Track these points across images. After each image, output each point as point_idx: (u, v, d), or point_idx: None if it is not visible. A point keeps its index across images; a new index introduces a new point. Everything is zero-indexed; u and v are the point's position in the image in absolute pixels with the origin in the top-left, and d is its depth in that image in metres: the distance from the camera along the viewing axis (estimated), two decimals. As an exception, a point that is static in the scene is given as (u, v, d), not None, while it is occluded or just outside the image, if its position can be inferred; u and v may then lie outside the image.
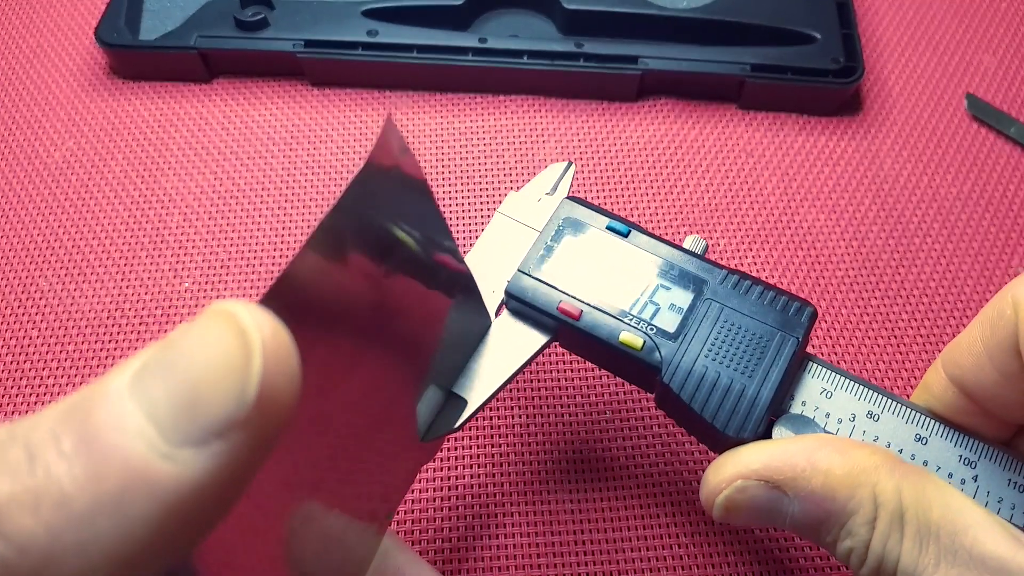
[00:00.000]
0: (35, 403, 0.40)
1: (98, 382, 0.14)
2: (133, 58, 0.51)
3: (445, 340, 0.27)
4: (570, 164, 0.33)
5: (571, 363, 0.41)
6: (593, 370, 0.41)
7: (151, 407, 0.13)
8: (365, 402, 0.23)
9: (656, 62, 0.49)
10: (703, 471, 0.38)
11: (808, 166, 0.49)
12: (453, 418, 0.28)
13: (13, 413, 0.40)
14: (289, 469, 0.19)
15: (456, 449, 0.39)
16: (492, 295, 0.30)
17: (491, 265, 0.31)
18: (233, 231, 0.46)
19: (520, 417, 0.40)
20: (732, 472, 0.25)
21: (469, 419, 0.28)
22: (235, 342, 0.13)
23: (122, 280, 0.44)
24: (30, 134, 0.50)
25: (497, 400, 0.40)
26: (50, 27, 0.55)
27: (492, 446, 0.39)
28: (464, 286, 0.27)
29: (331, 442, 0.21)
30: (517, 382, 0.41)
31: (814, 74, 0.49)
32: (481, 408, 0.28)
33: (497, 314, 0.30)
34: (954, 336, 0.27)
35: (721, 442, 0.27)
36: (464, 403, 0.28)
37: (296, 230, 0.46)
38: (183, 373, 0.13)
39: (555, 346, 0.42)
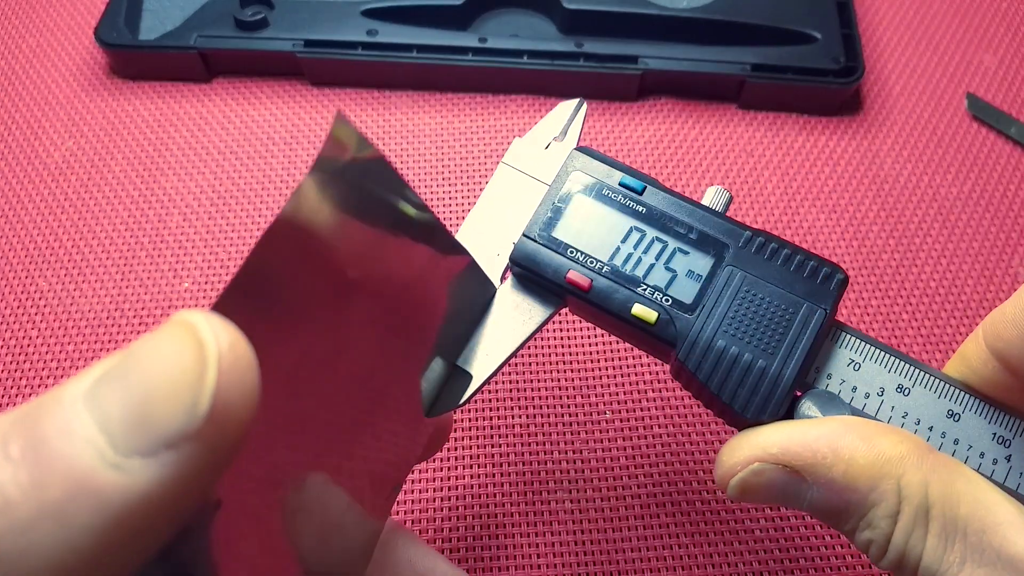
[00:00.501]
0: (35, 403, 0.40)
1: (55, 389, 0.13)
2: (133, 58, 0.51)
3: (448, 312, 0.26)
4: (581, 102, 0.31)
5: (571, 363, 0.41)
6: (593, 370, 0.41)
7: (103, 416, 0.13)
8: (364, 379, 0.22)
9: (656, 62, 0.49)
10: (703, 472, 0.38)
11: (808, 166, 0.49)
12: (458, 393, 0.27)
13: (13, 413, 0.40)
14: (278, 453, 0.19)
15: (456, 449, 0.39)
16: (497, 258, 0.28)
17: (495, 224, 0.28)
18: (233, 231, 0.46)
19: (520, 417, 0.40)
20: (749, 455, 0.23)
21: (475, 394, 0.27)
22: (191, 354, 0.13)
23: (122, 280, 0.44)
24: (30, 134, 0.50)
25: (497, 400, 0.40)
26: (50, 27, 0.55)
27: (492, 446, 0.39)
28: (461, 256, 0.26)
29: (324, 421, 0.21)
30: (517, 382, 0.41)
31: (814, 74, 0.49)
32: (487, 382, 0.27)
33: (503, 279, 0.28)
34: (956, 335, 0.26)
35: (740, 422, 0.25)
36: (469, 377, 0.27)
37: (296, 230, 0.46)
38: (137, 383, 0.13)
39: (555, 344, 0.42)
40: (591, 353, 0.41)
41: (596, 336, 0.42)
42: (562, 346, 0.42)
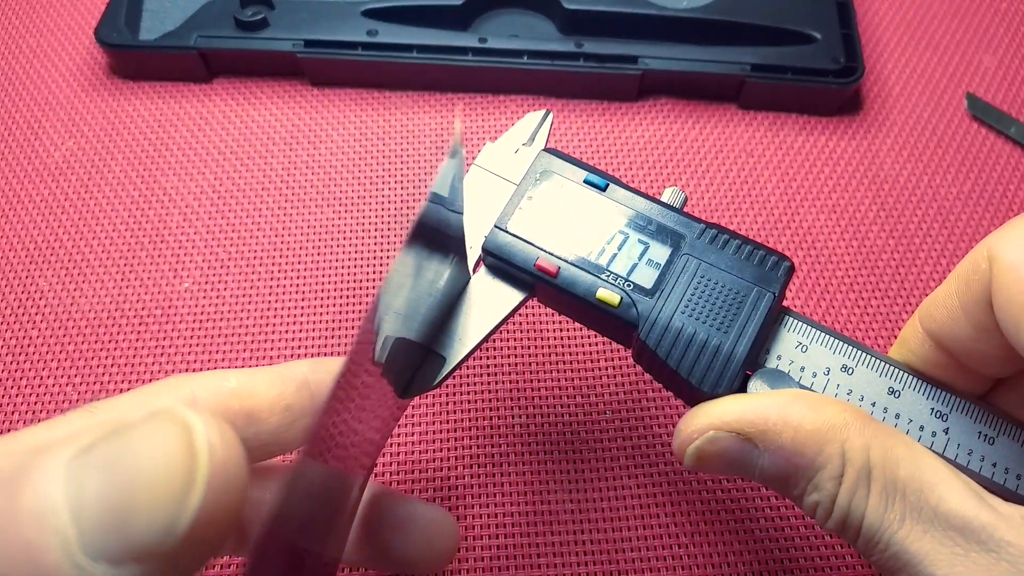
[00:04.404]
0: (35, 403, 0.40)
1: (39, 452, 0.13)
2: (133, 58, 0.51)
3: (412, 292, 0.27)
4: (548, 113, 0.33)
5: (571, 363, 0.41)
6: (593, 370, 0.41)
7: (80, 505, 0.12)
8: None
9: (656, 62, 0.49)
10: (703, 472, 0.38)
11: (808, 166, 0.49)
12: (432, 376, 0.28)
13: (13, 413, 0.40)
14: None
15: (456, 449, 0.39)
16: (469, 251, 0.30)
17: (467, 220, 0.30)
18: (233, 231, 0.46)
19: (520, 417, 0.40)
20: (705, 423, 0.25)
21: (447, 377, 0.28)
22: (179, 461, 0.13)
23: (122, 280, 0.44)
24: (30, 134, 0.50)
25: (497, 400, 0.40)
26: (50, 27, 0.55)
27: (492, 446, 0.39)
28: (458, 246, 0.27)
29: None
30: (517, 382, 0.41)
31: (814, 74, 0.49)
32: (459, 366, 0.28)
33: (474, 270, 0.30)
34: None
35: (697, 397, 0.27)
36: (443, 361, 0.28)
37: (296, 230, 0.46)
38: (122, 477, 0.12)
39: (555, 344, 0.42)
40: (591, 353, 0.41)
41: (596, 336, 0.42)
42: (562, 346, 0.42)
